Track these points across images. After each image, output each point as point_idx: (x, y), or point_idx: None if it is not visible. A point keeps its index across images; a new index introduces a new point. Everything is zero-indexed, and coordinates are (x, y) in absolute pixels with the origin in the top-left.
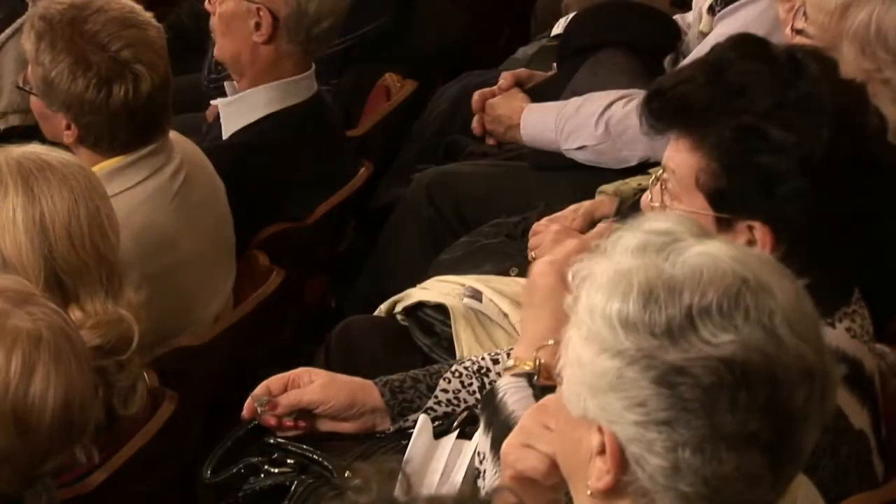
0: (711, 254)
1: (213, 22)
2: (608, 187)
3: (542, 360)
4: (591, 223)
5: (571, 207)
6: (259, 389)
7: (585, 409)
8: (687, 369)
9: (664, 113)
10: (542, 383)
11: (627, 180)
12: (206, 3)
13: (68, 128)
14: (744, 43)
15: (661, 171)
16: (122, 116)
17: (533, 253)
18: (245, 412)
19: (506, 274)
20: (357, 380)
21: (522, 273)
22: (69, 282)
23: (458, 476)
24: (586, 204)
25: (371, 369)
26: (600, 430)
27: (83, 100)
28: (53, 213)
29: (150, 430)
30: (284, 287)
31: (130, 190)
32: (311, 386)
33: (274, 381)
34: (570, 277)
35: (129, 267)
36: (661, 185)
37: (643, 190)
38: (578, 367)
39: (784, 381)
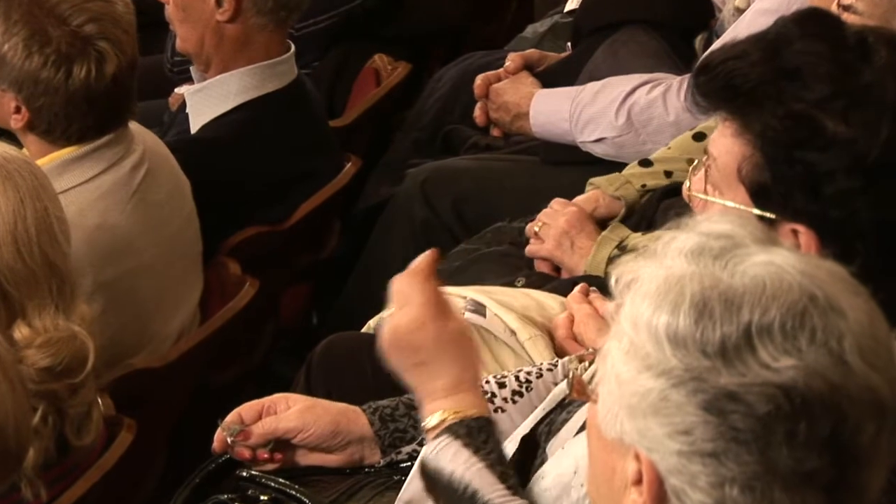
0: (776, 264)
1: (169, 11)
2: (599, 180)
3: (575, 373)
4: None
5: (558, 202)
6: (230, 417)
7: (622, 431)
8: (740, 395)
9: (710, 90)
10: (574, 398)
11: (624, 174)
12: None
13: (17, 111)
14: (810, 18)
15: (705, 156)
16: (82, 100)
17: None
18: (215, 444)
19: (511, 286)
20: (341, 405)
21: (530, 284)
22: (14, 294)
23: None
24: (580, 200)
25: (358, 394)
26: (637, 457)
27: (38, 78)
28: None
29: (105, 464)
30: (259, 300)
31: (83, 185)
32: (288, 412)
33: (246, 409)
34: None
35: (80, 274)
36: (705, 172)
37: (650, 191)
38: (616, 385)
39: (850, 415)
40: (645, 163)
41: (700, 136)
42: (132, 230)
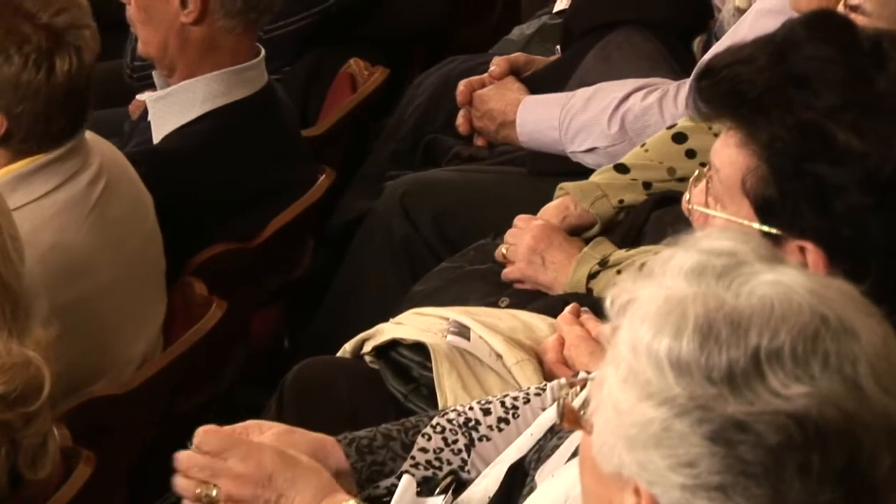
0: (784, 284)
1: (130, 13)
2: (570, 186)
3: (565, 401)
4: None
5: (522, 219)
6: (197, 441)
7: (621, 464)
8: (749, 425)
9: (713, 95)
10: (565, 427)
11: (598, 182)
12: None
13: None
14: (820, 21)
15: (707, 167)
16: (62, 98)
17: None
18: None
19: (494, 307)
20: (317, 435)
21: (515, 305)
22: None
23: None
24: (548, 209)
25: (334, 423)
26: (637, 491)
27: (18, 82)
28: None
29: (62, 498)
30: (226, 322)
31: (38, 201)
32: (262, 437)
33: (211, 435)
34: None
35: (34, 296)
36: (706, 184)
37: (627, 208)
38: (614, 414)
39: (866, 445)
40: (620, 168)
41: (680, 138)
42: (90, 249)
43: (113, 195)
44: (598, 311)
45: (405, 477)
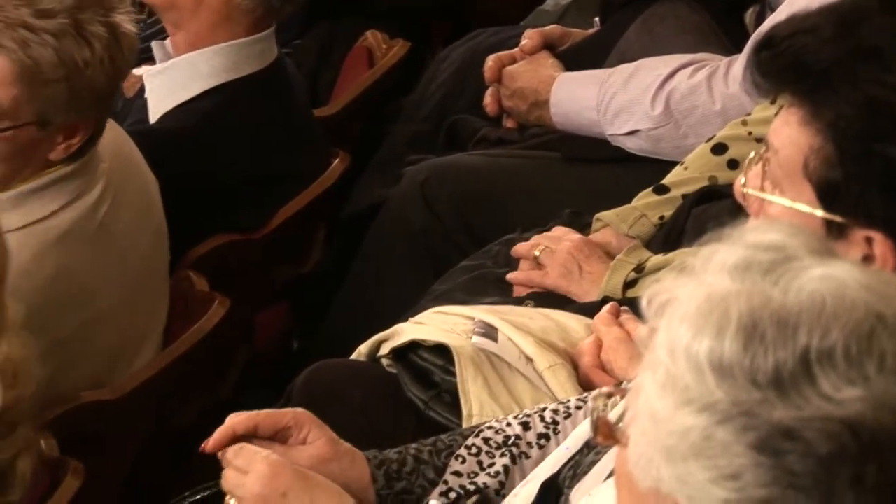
0: (836, 279)
1: None
2: (607, 215)
3: (600, 413)
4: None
5: (560, 229)
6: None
7: (659, 479)
8: (798, 432)
9: (773, 69)
10: (600, 442)
11: (637, 206)
12: None
13: (72, 134)
14: None
15: (763, 148)
16: (105, 105)
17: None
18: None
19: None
20: (344, 447)
21: (541, 304)
22: None
23: None
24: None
25: (346, 432)
26: None
27: (95, 87)
28: None
29: None
30: (229, 321)
31: (42, 222)
32: (315, 444)
33: (245, 421)
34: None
35: (30, 331)
36: (763, 166)
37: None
38: (651, 424)
39: None
40: (660, 189)
41: (720, 148)
42: (93, 274)
43: (120, 206)
44: (639, 313)
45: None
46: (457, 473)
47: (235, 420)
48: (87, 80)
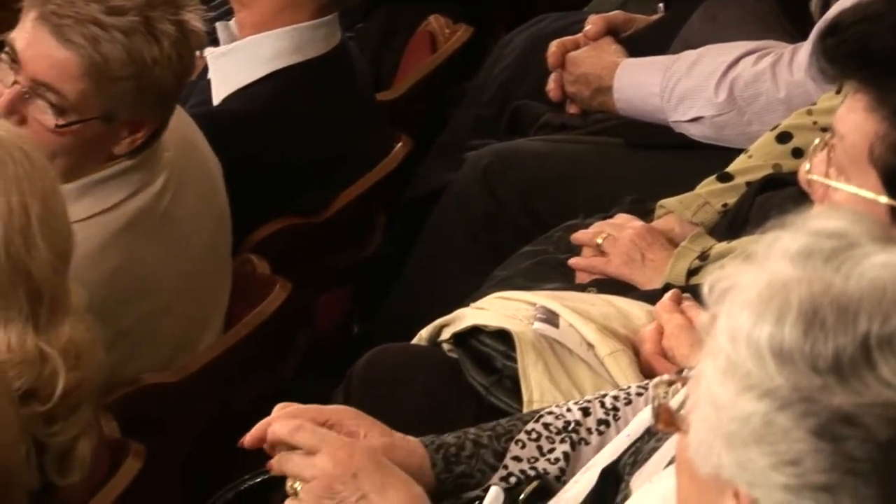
0: None
1: None
2: (671, 202)
3: (661, 400)
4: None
5: (622, 217)
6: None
7: (719, 465)
8: (858, 418)
9: (839, 55)
10: (661, 429)
11: (701, 193)
12: None
13: (137, 130)
14: None
15: (829, 134)
16: (172, 101)
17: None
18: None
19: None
20: (398, 435)
21: (603, 291)
22: None
23: None
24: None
25: (407, 417)
26: (737, 495)
27: (162, 85)
28: None
29: (108, 495)
30: (290, 304)
31: (107, 213)
32: (369, 436)
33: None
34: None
35: (100, 321)
36: (828, 153)
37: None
38: (712, 410)
39: None
40: (724, 177)
41: (785, 137)
42: (156, 263)
43: (184, 192)
44: (700, 300)
45: (493, 489)
46: (517, 458)
47: (275, 417)
48: (154, 78)
